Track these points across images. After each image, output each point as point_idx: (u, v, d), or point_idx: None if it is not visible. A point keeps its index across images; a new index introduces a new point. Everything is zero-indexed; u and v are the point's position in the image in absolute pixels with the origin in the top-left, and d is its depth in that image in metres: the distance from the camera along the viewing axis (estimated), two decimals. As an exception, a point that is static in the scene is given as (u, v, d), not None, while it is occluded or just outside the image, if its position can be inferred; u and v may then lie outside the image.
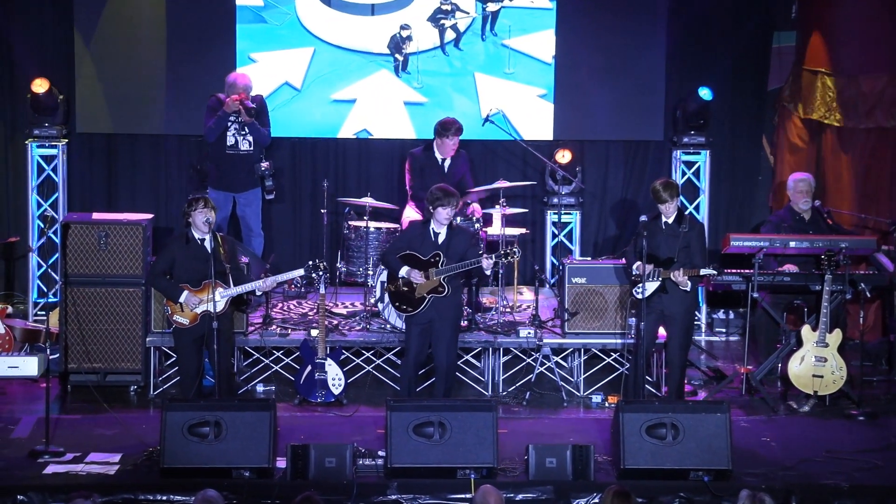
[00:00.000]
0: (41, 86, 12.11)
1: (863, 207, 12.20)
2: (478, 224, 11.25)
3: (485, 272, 10.30)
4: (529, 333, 10.97)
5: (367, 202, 11.40)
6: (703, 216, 12.70)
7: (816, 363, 10.46)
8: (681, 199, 10.41)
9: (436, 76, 12.68)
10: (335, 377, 10.48)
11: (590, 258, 12.21)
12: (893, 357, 11.49)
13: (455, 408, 9.00)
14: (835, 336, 10.49)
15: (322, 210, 11.75)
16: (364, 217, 11.42)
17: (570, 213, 12.86)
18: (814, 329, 10.49)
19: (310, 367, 10.50)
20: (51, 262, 12.55)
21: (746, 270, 10.82)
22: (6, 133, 12.73)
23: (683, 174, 12.80)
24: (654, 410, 8.98)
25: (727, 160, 13.11)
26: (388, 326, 10.97)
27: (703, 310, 12.63)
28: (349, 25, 12.59)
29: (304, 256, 11.73)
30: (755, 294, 10.67)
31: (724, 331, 12.70)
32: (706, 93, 12.32)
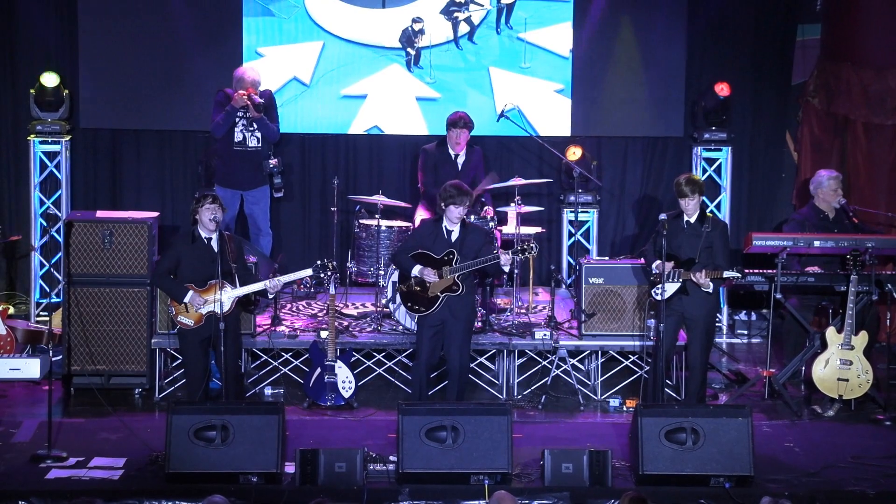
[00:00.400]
0: (51, 80, 12.14)
1: (890, 206, 12.11)
2: (492, 223, 11.21)
3: (502, 268, 10.18)
4: (545, 335, 10.90)
5: (379, 200, 11.36)
6: (725, 214, 12.68)
7: (841, 366, 10.37)
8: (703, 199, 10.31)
9: (449, 71, 12.61)
10: (345, 380, 10.44)
11: (607, 258, 12.18)
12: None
13: (469, 411, 8.99)
14: (861, 338, 10.40)
15: (332, 208, 11.74)
16: (375, 215, 11.39)
17: (588, 212, 12.79)
18: (839, 331, 10.41)
19: (319, 370, 10.47)
20: (53, 262, 12.56)
21: (769, 270, 10.74)
22: (8, 129, 12.72)
23: (704, 171, 12.77)
24: (674, 415, 8.96)
25: (749, 157, 13.06)
26: (400, 328, 10.95)
27: (725, 311, 12.61)
28: (359, 18, 12.53)
29: (314, 256, 11.67)
30: (778, 295, 10.58)
31: (746, 333, 12.67)
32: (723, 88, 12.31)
